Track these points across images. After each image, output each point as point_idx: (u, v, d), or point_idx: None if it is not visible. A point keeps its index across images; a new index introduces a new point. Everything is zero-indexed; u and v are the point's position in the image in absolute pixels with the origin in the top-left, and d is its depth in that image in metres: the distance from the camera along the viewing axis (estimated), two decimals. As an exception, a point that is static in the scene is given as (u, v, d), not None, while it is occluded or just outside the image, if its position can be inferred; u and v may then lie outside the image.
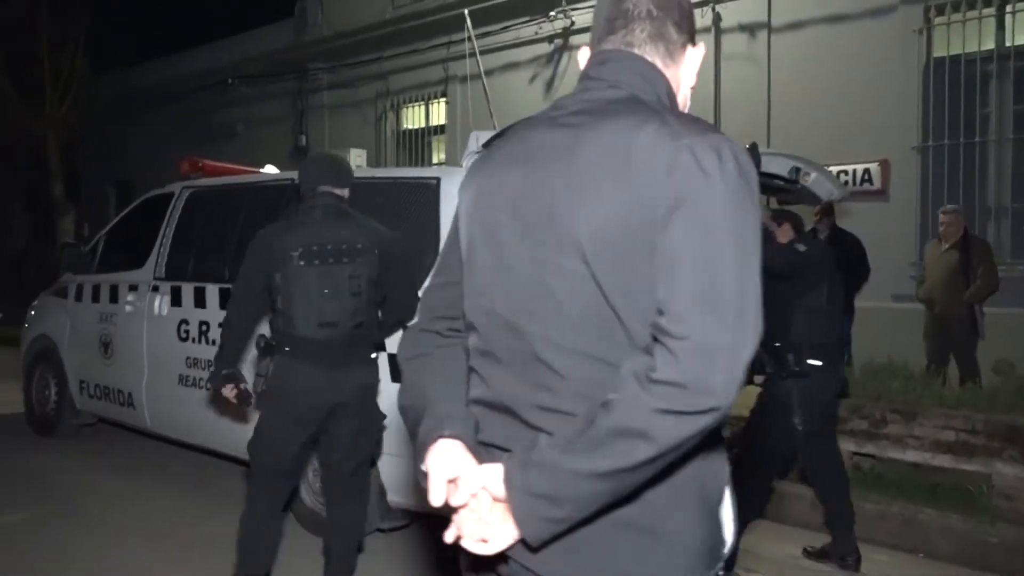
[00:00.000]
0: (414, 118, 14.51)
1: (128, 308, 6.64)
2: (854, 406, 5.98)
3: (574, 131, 1.53)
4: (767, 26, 10.36)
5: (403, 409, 1.69)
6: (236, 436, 5.51)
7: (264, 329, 4.32)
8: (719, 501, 1.55)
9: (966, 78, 9.15)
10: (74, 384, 7.34)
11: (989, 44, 9.11)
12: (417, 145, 14.36)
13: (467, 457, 1.51)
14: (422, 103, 14.30)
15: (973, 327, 7.91)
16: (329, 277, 4.00)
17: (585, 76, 1.66)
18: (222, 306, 5.69)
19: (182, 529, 5.47)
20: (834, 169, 8.82)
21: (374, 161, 13.91)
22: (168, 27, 26.59)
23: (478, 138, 4.86)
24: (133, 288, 6.65)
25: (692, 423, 1.33)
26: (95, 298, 7.05)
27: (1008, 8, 9.04)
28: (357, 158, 5.86)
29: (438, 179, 4.91)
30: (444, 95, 13.80)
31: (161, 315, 6.28)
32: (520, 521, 1.42)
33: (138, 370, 6.49)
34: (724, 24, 10.68)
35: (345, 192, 4.22)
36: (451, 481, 1.49)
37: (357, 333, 4.07)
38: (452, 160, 12.92)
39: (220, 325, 4.22)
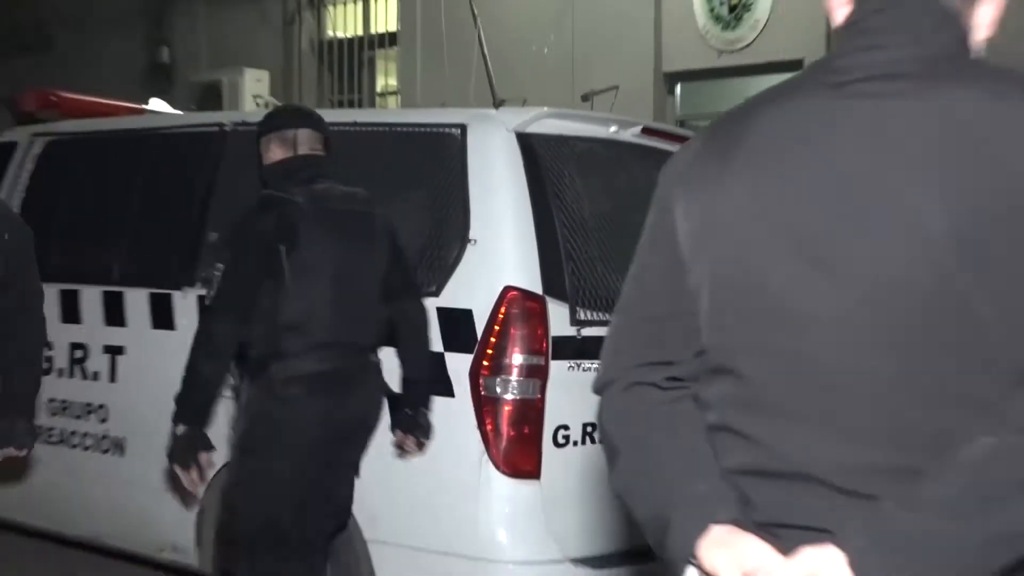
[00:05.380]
0: (346, 22, 11.11)
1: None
2: None
3: (886, 103, 1.31)
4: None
5: (623, 493, 1.51)
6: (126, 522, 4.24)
7: None
8: None
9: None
10: None
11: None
12: (350, 63, 11.07)
13: (763, 546, 1.30)
14: (359, -1, 10.85)
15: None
16: None
17: (857, 31, 1.41)
18: (108, 319, 4.36)
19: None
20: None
21: (280, 88, 10.46)
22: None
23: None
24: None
25: None
26: None
27: None
28: (256, 83, 4.42)
29: (463, 127, 3.71)
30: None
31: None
32: None
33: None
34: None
35: None
36: None
37: None
38: (408, 87, 9.91)
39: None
